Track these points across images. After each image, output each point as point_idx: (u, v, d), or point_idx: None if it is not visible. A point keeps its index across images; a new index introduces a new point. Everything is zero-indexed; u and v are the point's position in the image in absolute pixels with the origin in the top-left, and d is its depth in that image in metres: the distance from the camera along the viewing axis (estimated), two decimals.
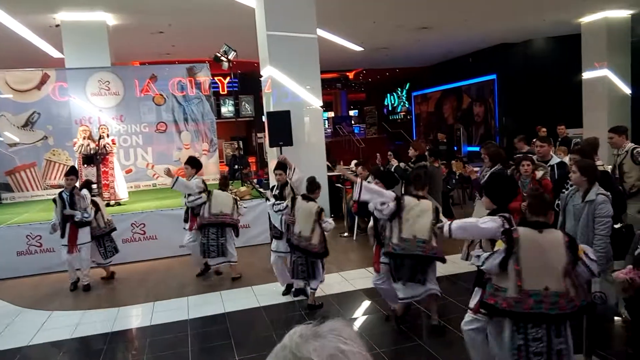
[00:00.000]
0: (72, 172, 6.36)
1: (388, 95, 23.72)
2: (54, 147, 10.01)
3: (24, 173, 9.91)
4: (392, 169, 6.26)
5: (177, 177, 6.07)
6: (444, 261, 4.30)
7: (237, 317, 5.13)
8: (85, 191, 6.24)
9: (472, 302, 3.34)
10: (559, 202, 4.36)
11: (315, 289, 5.17)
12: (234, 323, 4.97)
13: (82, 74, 9.98)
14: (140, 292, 6.12)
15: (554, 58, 13.84)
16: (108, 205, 8.21)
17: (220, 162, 13.27)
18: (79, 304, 5.81)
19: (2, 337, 4.98)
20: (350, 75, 21.32)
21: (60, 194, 6.20)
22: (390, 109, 23.76)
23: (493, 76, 15.85)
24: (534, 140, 5.55)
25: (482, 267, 3.07)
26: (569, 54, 12.99)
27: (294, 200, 5.23)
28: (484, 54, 15.85)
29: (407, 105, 22.27)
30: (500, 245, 3.06)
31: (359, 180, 4.33)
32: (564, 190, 4.37)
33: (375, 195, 4.21)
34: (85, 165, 8.17)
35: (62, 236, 6.09)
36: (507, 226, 3.09)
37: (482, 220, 3.19)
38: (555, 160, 5.24)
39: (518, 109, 14.52)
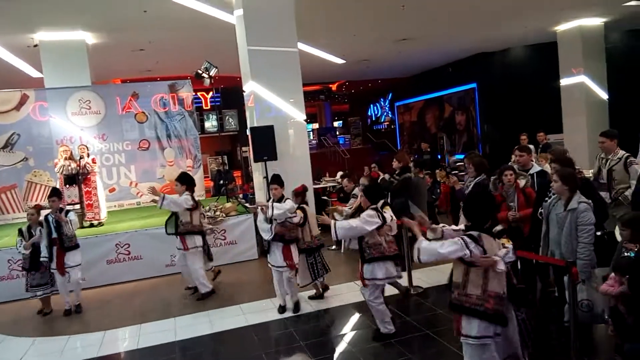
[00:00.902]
0: (54, 193, 6.23)
1: (371, 105, 23.91)
2: (35, 168, 9.84)
3: (4, 195, 9.72)
4: (379, 181, 6.28)
5: (164, 195, 5.96)
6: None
7: (226, 337, 5.06)
8: (72, 214, 6.14)
9: None
10: (542, 210, 4.41)
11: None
12: (223, 343, 4.91)
13: (62, 94, 9.86)
14: (126, 314, 6.00)
15: (533, 65, 14.11)
16: (92, 225, 8.10)
17: (206, 177, 13.18)
18: (63, 329, 5.67)
19: None
20: (333, 87, 21.47)
21: (46, 218, 6.09)
22: (374, 119, 23.93)
23: (473, 85, 16.09)
24: (515, 148, 5.62)
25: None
26: (546, 62, 13.26)
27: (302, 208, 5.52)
28: (463, 63, 16.10)
29: (390, 115, 22.46)
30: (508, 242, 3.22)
31: (332, 222, 4.53)
32: (546, 199, 4.43)
33: (350, 232, 4.49)
34: (67, 186, 8.05)
35: (51, 260, 5.96)
36: (470, 247, 3.03)
37: (444, 245, 3.11)
38: (535, 168, 5.30)
39: (499, 117, 14.73)
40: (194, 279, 6.27)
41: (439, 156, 16.17)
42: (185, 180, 6.21)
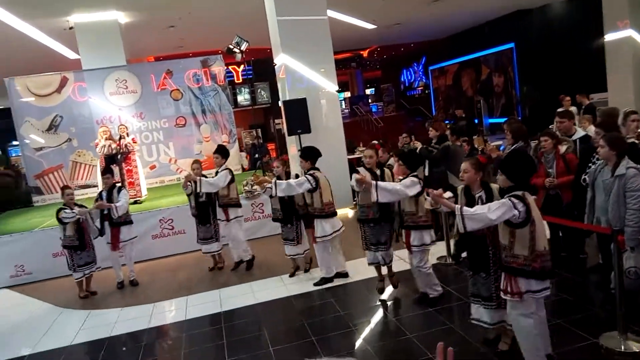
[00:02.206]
0: (108, 171, 6.59)
1: (404, 70, 23.37)
2: (79, 149, 10.24)
3: (52, 175, 10.18)
4: (417, 151, 6.18)
5: (200, 179, 6.03)
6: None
7: (269, 307, 5.23)
8: (124, 192, 6.43)
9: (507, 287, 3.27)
10: (586, 177, 4.27)
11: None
12: (266, 314, 5.07)
13: (99, 74, 10.11)
14: (173, 286, 6.28)
15: (574, 22, 13.38)
16: (135, 202, 8.39)
17: (241, 151, 13.37)
18: (115, 302, 5.99)
19: (47, 336, 5.19)
20: (365, 53, 21.05)
21: (100, 194, 6.42)
22: (407, 84, 23.42)
23: (511, 45, 15.45)
24: (557, 111, 5.40)
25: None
26: (589, 16, 12.53)
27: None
28: (500, 22, 15.43)
29: (424, 80, 21.91)
30: None
31: (373, 183, 4.42)
32: (590, 164, 4.27)
33: (393, 195, 4.42)
34: (111, 166, 8.32)
35: (102, 234, 6.26)
36: (519, 208, 3.04)
37: (492, 209, 3.10)
38: (579, 133, 5.10)
39: (539, 77, 14.14)
40: (237, 246, 6.47)
41: (476, 121, 15.75)
42: (225, 154, 6.36)
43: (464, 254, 4.13)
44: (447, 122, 14.17)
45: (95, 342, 4.92)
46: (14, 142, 20.99)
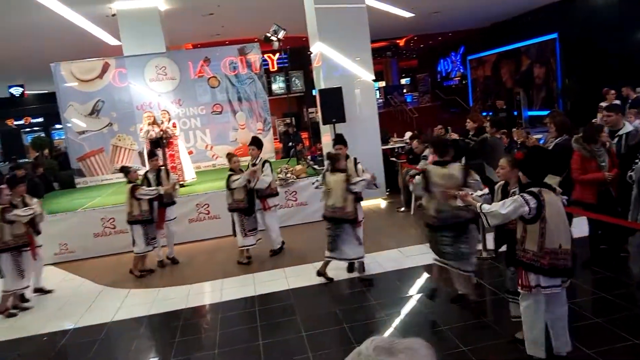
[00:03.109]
0: (154, 154, 6.89)
1: (441, 60, 22.94)
2: (119, 133, 10.54)
3: (93, 159, 10.53)
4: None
5: (257, 180, 6.21)
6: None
7: (301, 293, 5.30)
8: (173, 176, 6.77)
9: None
10: (632, 173, 4.13)
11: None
12: (299, 299, 5.15)
13: (140, 61, 10.35)
14: (209, 269, 6.45)
15: (620, 11, 12.74)
16: (181, 186, 8.58)
17: (275, 139, 13.48)
18: (153, 282, 6.20)
19: (89, 313, 5.44)
20: (401, 42, 20.78)
21: (145, 175, 6.67)
22: (444, 74, 23.00)
23: (554, 35, 14.92)
24: (600, 105, 5.22)
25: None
26: (636, 6, 11.95)
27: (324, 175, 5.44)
28: (543, 11, 14.90)
29: (461, 70, 21.47)
30: None
31: (478, 206, 3.66)
32: (636, 161, 4.13)
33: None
34: (154, 149, 8.54)
35: (151, 214, 6.46)
36: (530, 204, 3.09)
37: (505, 204, 3.18)
38: (627, 128, 4.92)
39: (583, 69, 13.62)
40: (272, 233, 6.61)
41: (515, 113, 15.35)
42: (260, 145, 6.51)
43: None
44: (484, 113, 13.89)
45: (134, 320, 5.12)
46: (57, 126, 21.83)
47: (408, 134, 9.92)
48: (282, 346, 4.22)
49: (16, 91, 16.38)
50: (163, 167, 7.06)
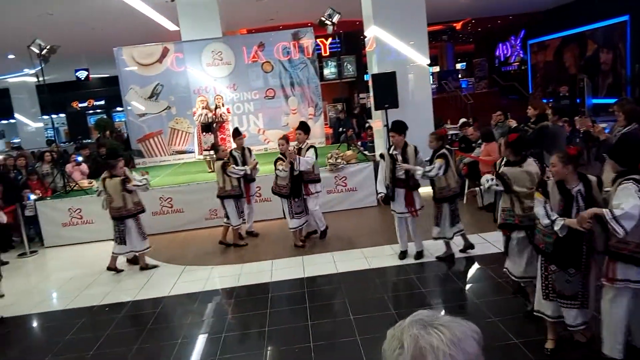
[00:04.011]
0: (238, 133, 7.16)
1: (500, 44, 22.02)
2: (177, 116, 10.91)
3: (152, 140, 10.98)
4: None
5: (299, 159, 6.20)
6: None
7: (350, 277, 5.34)
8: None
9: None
10: None
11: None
12: (347, 283, 5.19)
13: (197, 46, 10.62)
14: (261, 250, 6.62)
15: None
16: None
17: (325, 124, 13.50)
18: (207, 260, 6.43)
19: (147, 286, 5.73)
20: (458, 25, 20.09)
21: (231, 153, 6.98)
22: (502, 59, 22.09)
23: (625, 17, 13.94)
24: None
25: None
26: None
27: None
28: None
29: (521, 55, 20.54)
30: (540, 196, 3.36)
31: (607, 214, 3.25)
32: None
33: None
34: (204, 133, 8.81)
35: (240, 189, 6.77)
36: None
37: (626, 204, 2.90)
38: None
39: None
40: (316, 218, 6.65)
41: (578, 100, 14.56)
42: (307, 129, 6.53)
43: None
44: (544, 100, 13.26)
45: (189, 295, 5.35)
46: (119, 108, 22.87)
47: (462, 121, 9.66)
48: (330, 328, 4.28)
49: (81, 74, 17.20)
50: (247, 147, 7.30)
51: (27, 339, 4.95)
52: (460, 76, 20.19)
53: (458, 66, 23.06)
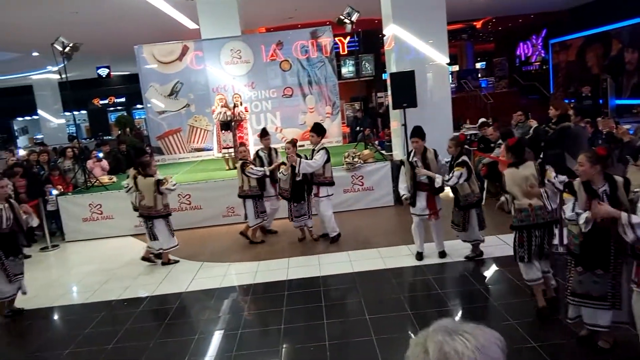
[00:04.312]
0: (266, 133, 7.18)
1: (521, 44, 21.70)
2: (195, 114, 11.01)
3: (171, 137, 11.10)
4: (531, 131, 5.80)
5: (300, 161, 6.16)
6: None
7: (366, 277, 5.32)
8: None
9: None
10: None
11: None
12: (363, 283, 5.17)
13: (216, 44, 10.70)
14: (277, 248, 6.64)
15: None
16: None
17: (342, 123, 13.47)
18: (224, 257, 6.48)
19: (166, 281, 5.80)
20: (478, 24, 19.86)
21: (257, 153, 7.04)
22: (523, 59, 21.76)
23: None
24: None
25: None
26: None
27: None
28: None
29: (543, 55, 20.21)
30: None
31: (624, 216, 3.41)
32: None
33: None
34: (223, 131, 8.87)
35: (264, 189, 6.83)
36: None
37: None
38: None
39: None
40: (326, 223, 6.61)
41: (601, 101, 14.27)
42: (320, 131, 6.45)
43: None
44: (566, 101, 13.03)
45: (206, 291, 5.39)
46: (138, 106, 23.18)
47: (481, 121, 9.55)
48: (346, 326, 4.28)
49: (103, 72, 17.51)
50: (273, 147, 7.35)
51: (48, 331, 5.05)
52: (479, 75, 19.95)
53: (478, 65, 22.78)
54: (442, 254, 5.59)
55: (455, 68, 21.46)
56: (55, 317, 5.33)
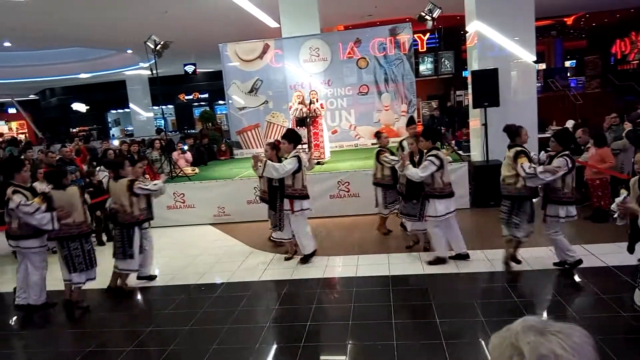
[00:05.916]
0: (413, 121, 6.88)
1: (617, 41, 20.05)
2: (273, 110, 11.33)
3: (250, 133, 11.51)
4: (624, 135, 5.37)
5: (266, 162, 5.68)
6: None
7: (438, 280, 5.21)
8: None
9: None
10: None
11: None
12: (435, 286, 5.06)
13: (295, 43, 10.93)
14: (346, 244, 6.68)
15: None
16: (318, 163, 9.00)
17: (418, 122, 13.22)
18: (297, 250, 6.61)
19: (239, 270, 6.04)
20: (569, 20, 18.63)
21: (400, 143, 6.90)
22: (619, 57, 20.10)
23: None
24: None
25: None
26: None
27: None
28: None
29: None
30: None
31: None
32: None
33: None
34: (298, 127, 9.04)
35: (397, 180, 6.72)
36: None
37: None
38: None
39: None
40: (298, 239, 6.25)
41: None
42: (292, 139, 5.88)
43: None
44: None
45: (278, 282, 5.55)
46: (220, 102, 24.24)
47: (570, 123, 8.98)
48: (415, 328, 4.22)
49: (189, 69, 18.47)
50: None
51: (133, 309, 5.45)
52: (569, 74, 18.70)
53: (567, 64, 21.37)
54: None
55: (542, 66, 20.28)
56: (139, 297, 5.73)
